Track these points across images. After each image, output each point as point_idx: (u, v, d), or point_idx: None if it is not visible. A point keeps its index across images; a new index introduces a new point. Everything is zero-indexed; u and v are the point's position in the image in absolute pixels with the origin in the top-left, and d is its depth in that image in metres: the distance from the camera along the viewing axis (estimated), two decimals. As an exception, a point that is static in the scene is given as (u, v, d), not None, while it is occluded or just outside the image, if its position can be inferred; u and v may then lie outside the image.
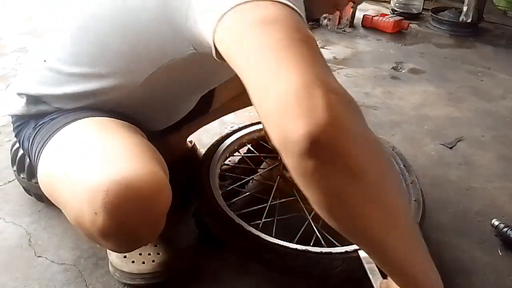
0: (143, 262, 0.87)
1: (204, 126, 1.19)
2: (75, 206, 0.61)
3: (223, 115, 1.20)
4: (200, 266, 0.94)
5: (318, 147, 0.41)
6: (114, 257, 0.88)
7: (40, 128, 0.77)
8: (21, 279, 0.87)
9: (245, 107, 1.18)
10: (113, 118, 0.76)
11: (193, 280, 0.91)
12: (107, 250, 0.91)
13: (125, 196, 0.56)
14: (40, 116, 0.79)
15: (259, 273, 0.92)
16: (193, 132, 1.19)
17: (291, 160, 0.44)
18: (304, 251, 0.83)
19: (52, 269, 0.90)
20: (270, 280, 0.91)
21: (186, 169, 1.06)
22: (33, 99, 0.81)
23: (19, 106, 0.82)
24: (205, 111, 1.07)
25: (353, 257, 0.82)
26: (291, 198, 0.99)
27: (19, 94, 0.82)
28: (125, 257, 0.88)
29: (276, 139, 0.45)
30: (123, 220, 0.57)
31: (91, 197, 0.57)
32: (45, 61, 0.78)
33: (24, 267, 0.89)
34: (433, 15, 2.82)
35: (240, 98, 1.08)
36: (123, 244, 0.64)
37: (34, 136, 0.78)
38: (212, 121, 1.19)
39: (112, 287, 0.88)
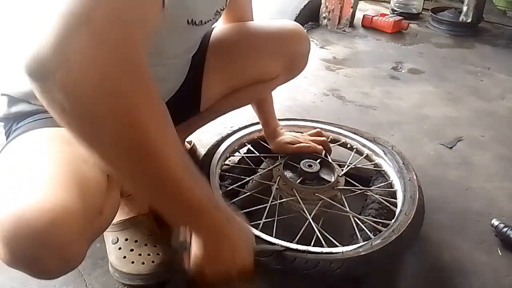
0: (143, 263, 0.87)
1: (204, 127, 1.18)
2: None
3: (216, 117, 1.15)
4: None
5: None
6: (113, 258, 0.88)
7: (14, 132, 0.77)
8: (20, 279, 0.87)
9: (238, 107, 1.15)
10: None
11: (193, 280, 0.91)
12: (107, 250, 0.91)
13: (16, 228, 0.54)
14: (21, 118, 0.78)
15: (259, 272, 0.92)
16: (188, 135, 1.18)
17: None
18: (304, 251, 0.83)
19: (52, 269, 0.90)
20: (269, 280, 0.91)
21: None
22: (13, 99, 0.80)
23: (2, 108, 0.81)
24: (195, 110, 1.06)
25: (353, 257, 0.82)
26: (291, 198, 0.99)
27: (1, 95, 0.81)
28: (124, 257, 0.88)
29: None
30: (18, 253, 0.56)
31: None
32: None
33: (24, 267, 0.89)
34: (433, 15, 2.82)
35: (230, 98, 1.07)
36: (35, 275, 0.61)
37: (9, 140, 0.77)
38: (206, 123, 1.16)
39: (111, 287, 0.88)
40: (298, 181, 1.03)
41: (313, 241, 0.88)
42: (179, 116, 1.05)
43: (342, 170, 1.10)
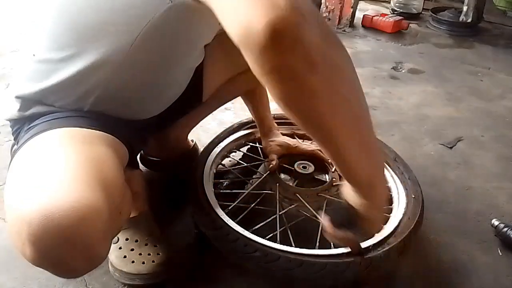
0: (143, 263, 0.87)
1: (204, 127, 1.18)
2: (9, 233, 0.60)
3: (218, 106, 1.15)
4: (200, 266, 0.94)
5: (279, 35, 0.44)
6: (113, 257, 0.88)
7: (27, 131, 0.76)
8: (20, 279, 0.87)
9: (239, 94, 1.14)
10: (94, 124, 0.74)
11: (193, 280, 0.91)
12: (107, 250, 0.91)
13: (45, 227, 0.54)
14: (34, 118, 0.78)
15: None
16: (192, 127, 1.17)
17: (253, 53, 0.47)
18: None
19: (52, 269, 0.90)
20: (269, 280, 0.91)
21: (187, 168, 1.06)
22: (27, 101, 0.80)
23: (14, 110, 0.81)
24: (197, 101, 1.04)
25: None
26: (297, 205, 0.98)
27: (16, 98, 0.81)
28: (124, 257, 0.88)
29: (237, 34, 0.48)
30: (47, 252, 0.56)
31: (18, 228, 0.56)
32: (34, 55, 0.77)
33: (23, 267, 0.89)
34: (433, 15, 2.82)
35: (230, 85, 1.05)
36: (60, 274, 0.62)
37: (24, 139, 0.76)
38: (208, 113, 1.16)
39: (111, 287, 0.88)
40: (294, 184, 1.02)
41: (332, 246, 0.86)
42: (182, 110, 1.04)
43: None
